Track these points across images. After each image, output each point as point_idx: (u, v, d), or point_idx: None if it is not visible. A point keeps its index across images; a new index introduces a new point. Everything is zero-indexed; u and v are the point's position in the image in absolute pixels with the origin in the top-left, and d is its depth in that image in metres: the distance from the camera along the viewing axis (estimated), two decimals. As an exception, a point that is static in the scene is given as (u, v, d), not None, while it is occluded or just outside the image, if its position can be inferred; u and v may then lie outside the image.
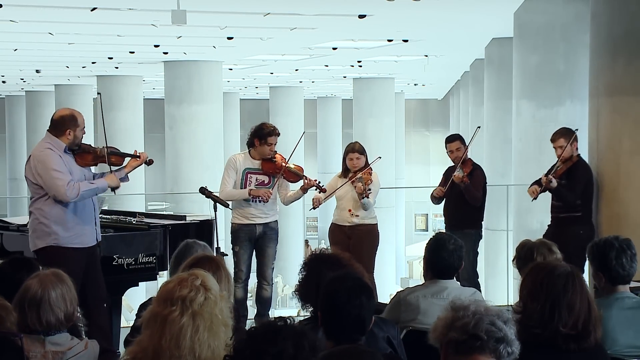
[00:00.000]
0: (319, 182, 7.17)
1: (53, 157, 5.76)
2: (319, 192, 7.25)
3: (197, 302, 3.04)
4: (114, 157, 6.09)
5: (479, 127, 8.61)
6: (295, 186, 7.27)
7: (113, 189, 6.02)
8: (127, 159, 6.14)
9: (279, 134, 7.09)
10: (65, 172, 5.72)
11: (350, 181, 7.38)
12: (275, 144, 7.04)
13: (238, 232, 7.07)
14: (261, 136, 7.01)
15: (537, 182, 7.34)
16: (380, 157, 7.72)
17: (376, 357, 2.54)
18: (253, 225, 7.04)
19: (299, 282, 3.94)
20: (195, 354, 3.00)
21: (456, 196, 7.67)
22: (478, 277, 7.89)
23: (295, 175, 7.13)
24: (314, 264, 3.94)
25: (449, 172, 7.92)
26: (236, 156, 7.20)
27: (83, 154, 5.97)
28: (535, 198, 7.27)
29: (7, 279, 4.20)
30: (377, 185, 7.47)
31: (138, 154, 6.13)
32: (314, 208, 7.45)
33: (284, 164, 7.05)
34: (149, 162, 6.21)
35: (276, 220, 7.18)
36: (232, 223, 7.13)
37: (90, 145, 6.10)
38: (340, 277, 3.42)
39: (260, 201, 7.01)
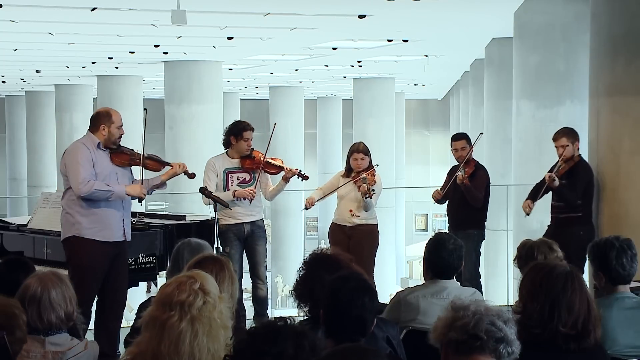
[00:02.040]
0: (300, 171, 7.17)
1: (82, 150, 5.94)
2: (302, 180, 7.25)
3: (195, 307, 3.03)
4: (150, 161, 6.22)
5: (482, 133, 8.57)
6: (277, 180, 7.27)
7: (140, 199, 6.13)
8: (167, 168, 6.27)
9: (253, 129, 7.14)
10: (87, 168, 5.87)
11: (353, 181, 7.37)
12: (251, 139, 7.08)
13: (227, 233, 7.06)
14: (237, 133, 7.05)
15: (531, 196, 7.33)
16: (377, 165, 7.70)
17: (379, 356, 2.54)
18: (241, 224, 7.06)
19: (296, 280, 3.94)
20: (195, 358, 2.99)
21: (459, 197, 7.65)
22: (480, 278, 7.87)
23: (275, 167, 7.16)
24: (313, 264, 3.95)
25: (452, 172, 7.91)
26: (213, 159, 7.22)
27: (119, 154, 6.11)
28: (528, 214, 7.30)
29: (3, 279, 4.20)
30: (379, 186, 7.48)
31: (173, 164, 6.30)
32: (306, 209, 7.46)
33: (262, 158, 7.06)
34: (191, 176, 6.32)
35: (262, 219, 7.21)
36: (219, 225, 7.11)
37: (131, 149, 6.22)
38: (345, 277, 3.42)
39: (244, 199, 7.02)
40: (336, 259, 3.96)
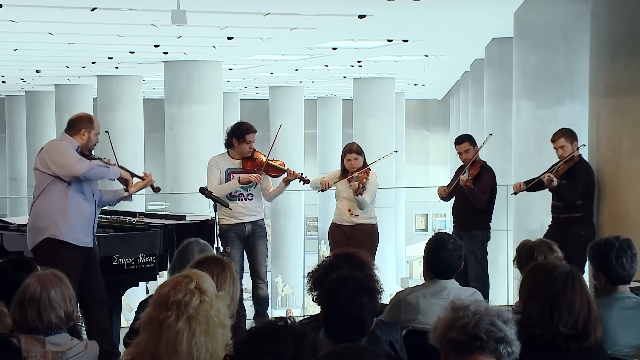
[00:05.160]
0: (302, 174, 7.18)
1: (66, 145, 5.90)
2: (303, 184, 7.27)
3: (192, 306, 3.03)
4: (124, 172, 6.17)
5: (491, 134, 8.52)
6: (278, 181, 7.28)
7: (126, 189, 6.13)
8: (135, 180, 6.22)
9: (255, 131, 7.16)
10: (76, 153, 5.85)
11: (346, 180, 7.40)
12: (253, 142, 7.08)
13: (228, 233, 7.07)
14: (239, 135, 7.05)
15: (526, 181, 7.36)
16: (396, 151, 7.70)
17: (377, 355, 2.54)
18: (242, 224, 7.06)
19: (317, 265, 3.99)
20: (193, 357, 3.00)
21: (464, 198, 7.62)
22: (488, 279, 7.77)
23: (277, 169, 7.17)
24: (340, 255, 4.02)
25: (459, 172, 7.88)
26: (215, 157, 7.25)
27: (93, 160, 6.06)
28: (515, 193, 7.35)
29: (7, 279, 4.20)
30: (374, 185, 7.48)
31: (144, 175, 6.24)
32: (322, 190, 7.45)
33: (264, 160, 7.07)
34: (156, 189, 6.33)
35: (263, 219, 7.22)
36: (220, 225, 7.11)
37: (100, 157, 6.18)
38: (343, 277, 3.43)
39: (246, 198, 7.02)
40: (361, 258, 3.99)
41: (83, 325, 5.67)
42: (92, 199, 6.00)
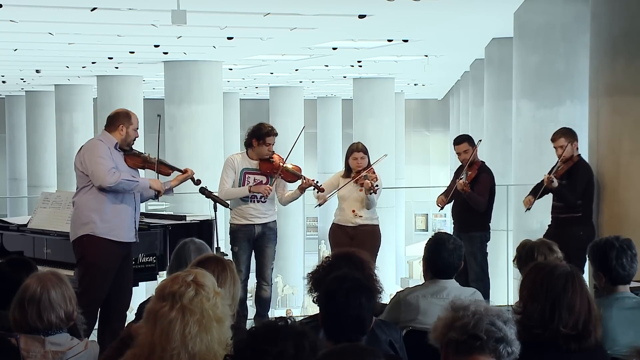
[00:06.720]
0: (317, 182, 7.18)
1: (101, 146, 5.94)
2: (317, 192, 7.25)
3: (186, 297, 3.05)
4: (163, 166, 6.22)
5: (480, 140, 8.50)
6: (293, 186, 7.27)
7: (157, 195, 6.16)
8: (176, 173, 6.26)
9: (276, 134, 7.10)
10: (109, 160, 5.87)
11: (354, 180, 7.37)
12: (273, 144, 7.06)
13: (237, 233, 7.07)
14: (259, 136, 7.02)
15: (532, 192, 7.33)
16: (386, 155, 7.71)
17: (376, 355, 2.54)
18: (252, 225, 7.04)
19: (317, 266, 3.99)
20: (188, 347, 3.00)
21: (462, 200, 7.61)
22: (489, 280, 7.76)
23: (293, 175, 7.14)
24: (340, 256, 4.02)
25: (457, 173, 7.86)
26: (234, 156, 7.21)
27: (133, 156, 6.12)
28: (528, 209, 7.28)
29: (7, 279, 4.20)
30: (380, 184, 7.48)
31: (185, 169, 6.27)
32: (319, 205, 7.45)
33: (281, 164, 7.06)
34: (197, 182, 6.32)
35: (275, 221, 7.18)
36: (230, 223, 7.13)
37: (141, 151, 6.23)
38: (340, 277, 3.42)
39: (259, 200, 7.01)
40: (361, 258, 4.00)
41: (84, 324, 5.66)
42: (132, 194, 6.03)
